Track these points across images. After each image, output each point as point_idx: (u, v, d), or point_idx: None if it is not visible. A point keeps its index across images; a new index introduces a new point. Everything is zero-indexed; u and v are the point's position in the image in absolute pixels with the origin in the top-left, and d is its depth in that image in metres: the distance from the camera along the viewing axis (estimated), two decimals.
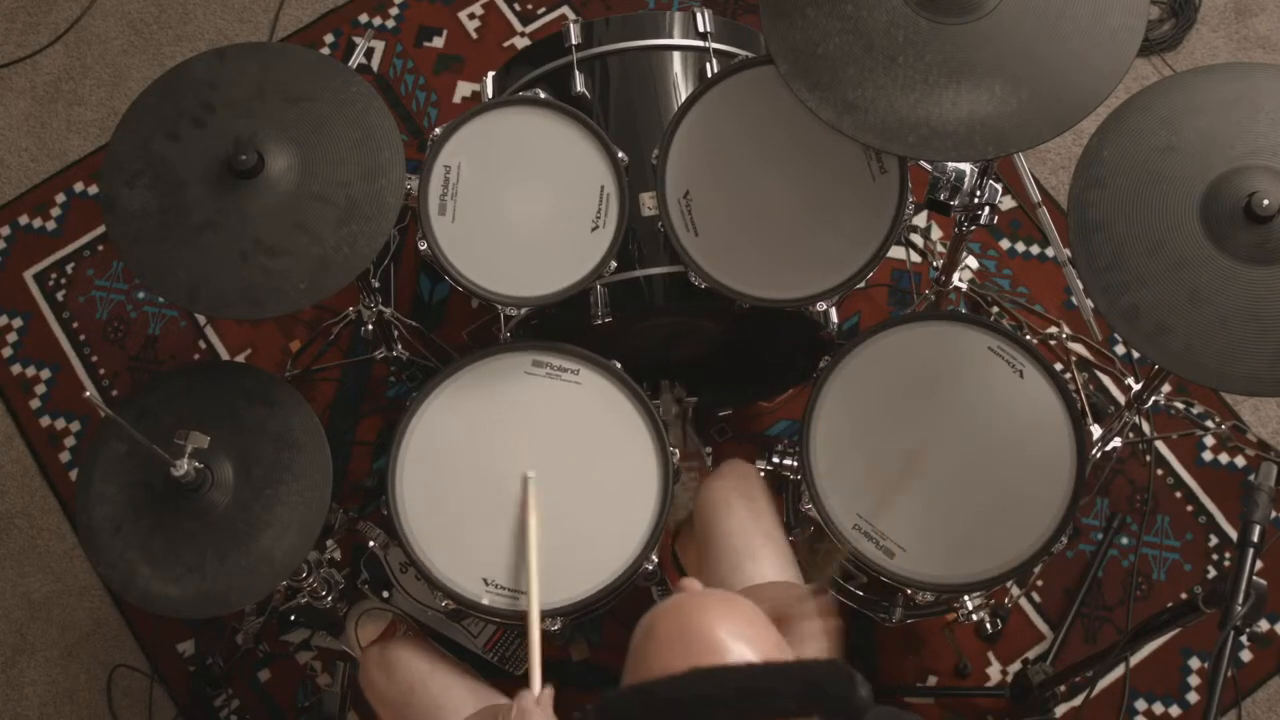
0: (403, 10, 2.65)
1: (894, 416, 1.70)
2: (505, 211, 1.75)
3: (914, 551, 1.64)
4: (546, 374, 1.74)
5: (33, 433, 2.37)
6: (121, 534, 1.57)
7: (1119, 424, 2.03)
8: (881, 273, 2.38)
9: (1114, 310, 1.45)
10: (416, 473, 1.70)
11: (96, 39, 2.66)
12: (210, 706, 2.17)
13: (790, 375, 2.17)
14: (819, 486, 1.67)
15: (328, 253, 1.58)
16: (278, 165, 1.61)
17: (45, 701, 2.20)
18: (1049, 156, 2.48)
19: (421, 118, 2.55)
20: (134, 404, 1.65)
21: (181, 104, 1.65)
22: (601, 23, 1.94)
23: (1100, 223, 1.47)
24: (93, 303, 2.45)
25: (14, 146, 2.58)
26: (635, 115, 1.88)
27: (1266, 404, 2.30)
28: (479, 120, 1.78)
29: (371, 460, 2.29)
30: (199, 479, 1.53)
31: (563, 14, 2.63)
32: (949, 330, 1.73)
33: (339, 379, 2.36)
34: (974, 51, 1.49)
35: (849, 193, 1.71)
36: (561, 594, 1.62)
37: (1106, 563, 2.19)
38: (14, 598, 2.26)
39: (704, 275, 1.71)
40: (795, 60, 1.53)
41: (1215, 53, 2.55)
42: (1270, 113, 1.49)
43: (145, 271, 1.60)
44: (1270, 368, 1.41)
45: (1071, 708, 2.11)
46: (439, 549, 1.67)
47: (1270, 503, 1.41)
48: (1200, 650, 2.15)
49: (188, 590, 1.55)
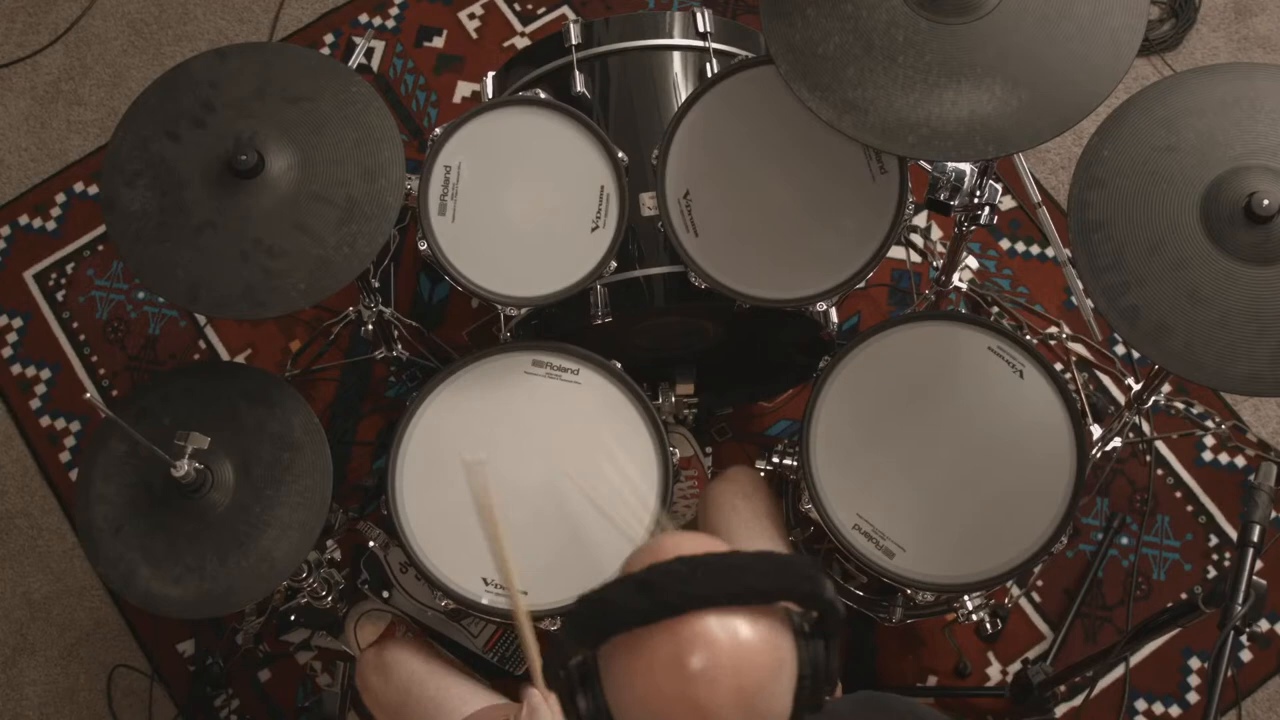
0: (403, 10, 2.65)
1: (894, 416, 1.70)
2: (505, 211, 1.75)
3: (914, 551, 1.64)
4: (546, 374, 1.74)
5: (33, 433, 2.37)
6: (121, 534, 1.57)
7: (1119, 424, 2.03)
8: (881, 273, 2.38)
9: (1114, 310, 1.45)
10: (416, 473, 1.70)
11: (96, 39, 2.66)
12: (210, 706, 2.17)
13: (790, 375, 2.18)
14: (819, 486, 1.67)
15: (328, 253, 1.58)
16: (278, 165, 1.61)
17: (45, 701, 2.20)
18: (1049, 156, 2.48)
19: (421, 118, 2.55)
20: (134, 404, 1.65)
21: (181, 104, 1.65)
22: (601, 23, 1.94)
23: (1100, 223, 1.47)
24: (93, 303, 2.45)
25: (14, 146, 2.58)
26: (635, 115, 1.88)
27: (1266, 404, 2.30)
28: (479, 120, 1.78)
29: (371, 460, 2.29)
30: (199, 479, 1.53)
31: (563, 14, 2.63)
32: (949, 330, 1.73)
33: (339, 379, 2.36)
34: (974, 51, 1.49)
35: (849, 193, 1.71)
36: (561, 593, 1.62)
37: (1106, 563, 2.19)
38: (14, 598, 2.26)
39: (704, 275, 1.71)
40: (795, 60, 1.53)
41: (1215, 53, 2.55)
42: (1270, 113, 1.48)
43: (145, 271, 1.60)
44: (1270, 368, 1.41)
45: (1071, 708, 2.11)
46: (439, 549, 1.67)
47: (1270, 503, 1.41)
48: (1200, 650, 2.15)
49: (188, 590, 1.55)
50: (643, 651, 0.95)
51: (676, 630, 0.94)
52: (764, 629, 0.96)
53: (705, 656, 0.93)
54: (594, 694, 0.98)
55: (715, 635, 0.94)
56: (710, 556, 0.97)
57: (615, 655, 0.97)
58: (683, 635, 0.94)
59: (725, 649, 0.94)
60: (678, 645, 0.94)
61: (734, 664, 0.94)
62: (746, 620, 0.95)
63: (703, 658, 0.93)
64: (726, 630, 0.94)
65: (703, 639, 0.94)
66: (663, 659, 0.94)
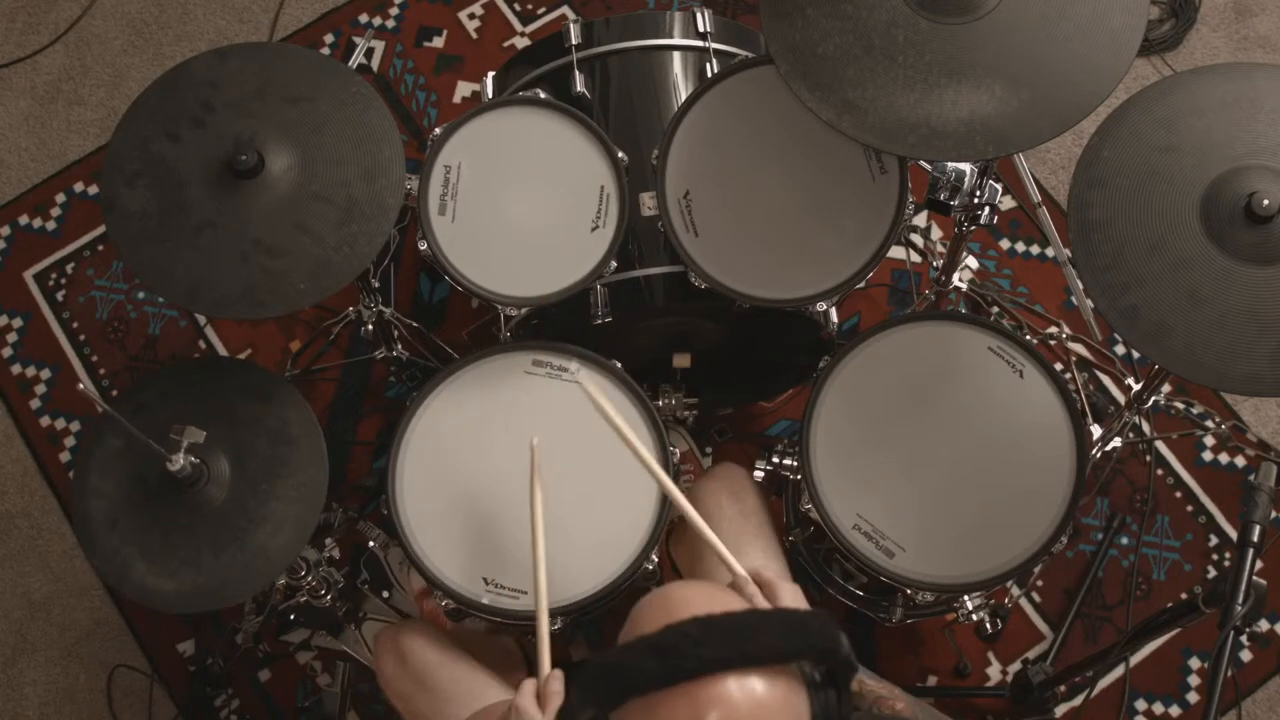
0: (403, 10, 2.65)
1: (894, 416, 1.70)
2: (505, 211, 1.75)
3: (914, 551, 1.64)
4: (546, 374, 1.74)
5: (33, 433, 2.37)
6: (118, 529, 1.57)
7: (1119, 424, 2.03)
8: (881, 273, 2.38)
9: (1114, 310, 1.45)
10: (416, 473, 1.70)
11: (96, 39, 2.66)
12: (210, 706, 2.17)
13: (790, 375, 2.17)
14: (819, 486, 1.67)
15: (328, 253, 1.58)
16: (278, 165, 1.61)
17: (45, 701, 2.20)
18: (1049, 156, 2.48)
19: (421, 118, 2.55)
20: (131, 400, 1.65)
21: (181, 104, 1.65)
22: (601, 23, 1.94)
23: (1100, 223, 1.47)
24: (93, 303, 2.45)
25: (14, 146, 2.58)
26: (635, 115, 1.88)
27: (1266, 404, 2.30)
28: (479, 120, 1.78)
29: (371, 460, 2.29)
30: (195, 474, 1.53)
31: (563, 14, 2.63)
32: (949, 330, 1.73)
33: (339, 379, 2.36)
34: (974, 51, 1.49)
35: (849, 193, 1.71)
36: (562, 593, 1.62)
37: (1106, 563, 2.19)
38: (14, 598, 2.26)
39: (704, 275, 1.71)
40: (795, 60, 1.53)
41: (1215, 53, 2.55)
42: (1270, 113, 1.48)
43: (145, 271, 1.60)
44: (1270, 368, 1.41)
45: (1071, 708, 2.11)
46: (439, 549, 1.67)
47: (1270, 503, 1.41)
48: (1200, 650, 2.15)
49: (183, 585, 1.55)
50: (658, 715, 0.93)
51: (693, 694, 0.92)
52: (781, 688, 0.95)
53: (723, 719, 0.92)
54: None
55: (733, 697, 0.92)
56: (726, 618, 0.95)
57: (629, 719, 0.95)
58: (699, 699, 0.92)
59: (743, 712, 0.92)
60: (695, 709, 0.92)
61: None
62: (763, 680, 0.94)
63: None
64: (744, 692, 0.93)
65: (720, 702, 0.92)
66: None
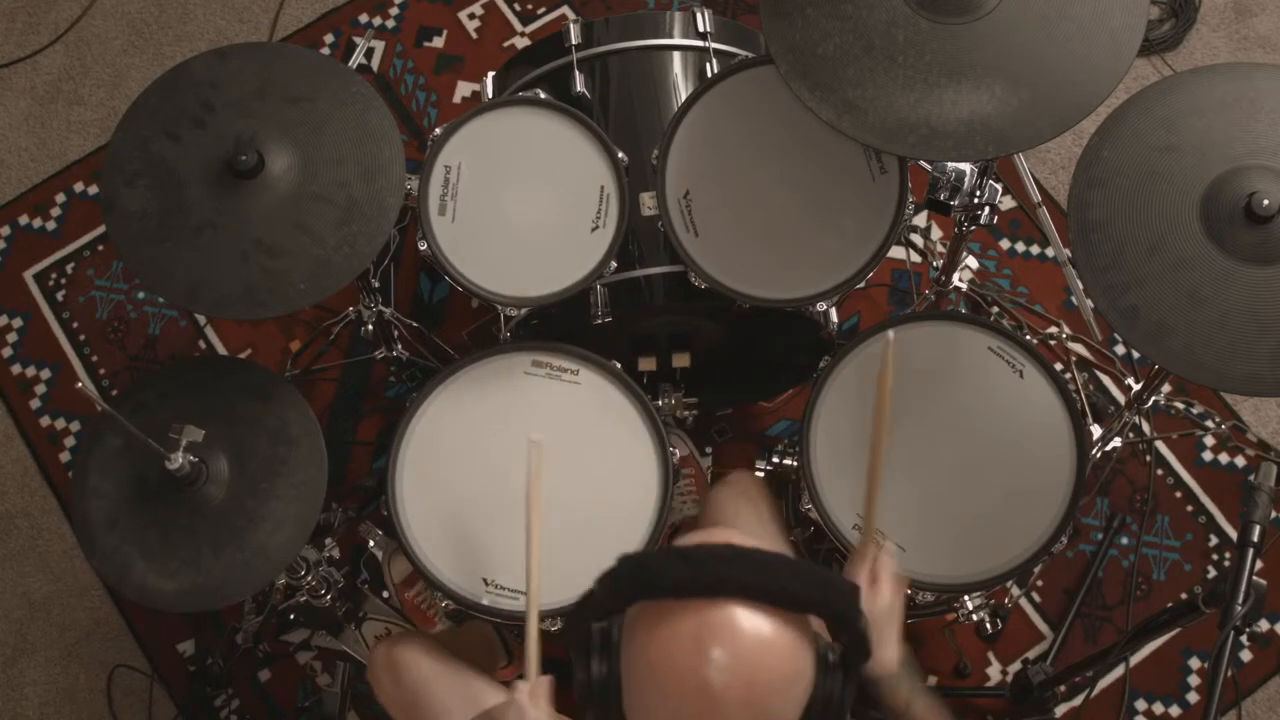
0: (403, 10, 2.65)
1: (894, 417, 1.70)
2: (505, 211, 1.75)
3: (914, 551, 1.64)
4: (546, 374, 1.74)
5: (33, 433, 2.37)
6: (117, 528, 1.57)
7: (1119, 424, 2.03)
8: (881, 273, 2.38)
9: (1114, 310, 1.45)
10: (416, 473, 1.70)
11: (96, 39, 2.66)
12: (210, 706, 2.17)
13: (790, 375, 2.17)
14: (819, 486, 1.67)
15: (328, 253, 1.58)
16: (278, 165, 1.61)
17: (45, 701, 2.20)
18: (1049, 156, 2.48)
19: (421, 118, 2.55)
20: (130, 400, 1.65)
21: (181, 104, 1.65)
22: (601, 23, 1.94)
23: (1100, 223, 1.47)
24: (93, 303, 2.45)
25: (14, 146, 2.58)
26: (635, 115, 1.88)
27: (1266, 404, 2.30)
28: (479, 120, 1.78)
29: (371, 460, 2.29)
30: (194, 473, 1.53)
31: (563, 14, 2.63)
32: (949, 330, 1.73)
33: (339, 379, 2.36)
34: (974, 51, 1.49)
35: (849, 193, 1.71)
36: (561, 594, 1.62)
37: (1106, 563, 2.19)
38: (14, 598, 2.26)
39: (704, 275, 1.71)
40: (795, 60, 1.53)
41: (1215, 53, 2.55)
42: (1270, 113, 1.48)
43: (145, 271, 1.60)
44: (1270, 368, 1.41)
45: (1071, 708, 2.11)
46: (439, 549, 1.67)
47: (1270, 503, 1.41)
48: (1200, 650, 2.15)
49: (183, 584, 1.55)
50: (668, 621, 0.95)
51: (705, 612, 0.94)
52: (790, 636, 0.96)
53: (727, 644, 0.94)
54: (609, 661, 0.98)
55: (741, 626, 0.94)
56: (758, 551, 0.97)
57: (639, 620, 0.97)
58: (710, 618, 0.94)
59: (748, 643, 0.94)
60: (703, 626, 0.94)
61: (752, 659, 0.94)
62: (775, 622, 0.96)
63: (724, 644, 0.94)
64: (753, 624, 0.95)
65: (728, 627, 0.94)
66: (685, 634, 0.94)
